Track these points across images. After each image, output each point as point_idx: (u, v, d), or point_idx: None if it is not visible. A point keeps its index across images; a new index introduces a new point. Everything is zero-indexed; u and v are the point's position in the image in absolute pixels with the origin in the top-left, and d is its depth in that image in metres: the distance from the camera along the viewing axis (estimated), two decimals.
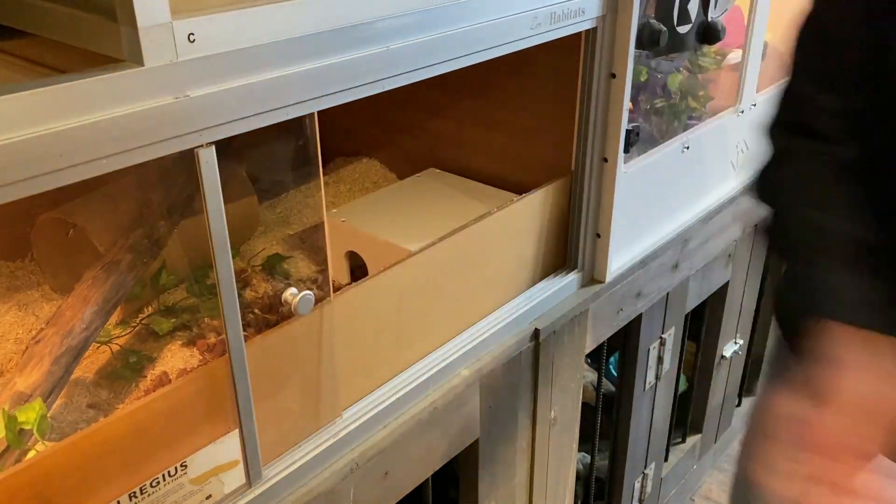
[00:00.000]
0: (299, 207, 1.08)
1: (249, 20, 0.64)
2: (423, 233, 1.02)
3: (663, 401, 1.59)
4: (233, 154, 0.93)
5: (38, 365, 0.79)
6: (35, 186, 0.55)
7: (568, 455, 1.31)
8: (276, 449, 0.85)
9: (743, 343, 1.84)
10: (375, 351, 0.93)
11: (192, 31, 0.60)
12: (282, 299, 0.81)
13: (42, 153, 0.54)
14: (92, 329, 0.84)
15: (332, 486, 0.88)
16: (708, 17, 1.22)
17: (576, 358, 1.22)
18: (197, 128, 0.63)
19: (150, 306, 0.97)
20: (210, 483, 0.78)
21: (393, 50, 0.77)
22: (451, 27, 0.82)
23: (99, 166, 0.58)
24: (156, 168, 0.86)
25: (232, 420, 0.78)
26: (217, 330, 0.93)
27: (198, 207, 0.70)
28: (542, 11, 0.92)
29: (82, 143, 0.56)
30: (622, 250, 1.25)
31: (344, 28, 0.72)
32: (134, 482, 0.71)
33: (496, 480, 1.15)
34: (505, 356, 1.07)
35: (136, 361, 0.89)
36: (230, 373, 0.75)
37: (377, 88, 0.77)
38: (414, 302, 0.96)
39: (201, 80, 0.62)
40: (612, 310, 1.26)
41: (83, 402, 0.84)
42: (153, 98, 0.59)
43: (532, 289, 1.15)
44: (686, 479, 1.86)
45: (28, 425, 0.74)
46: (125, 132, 0.58)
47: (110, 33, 0.59)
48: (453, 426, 1.02)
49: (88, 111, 0.56)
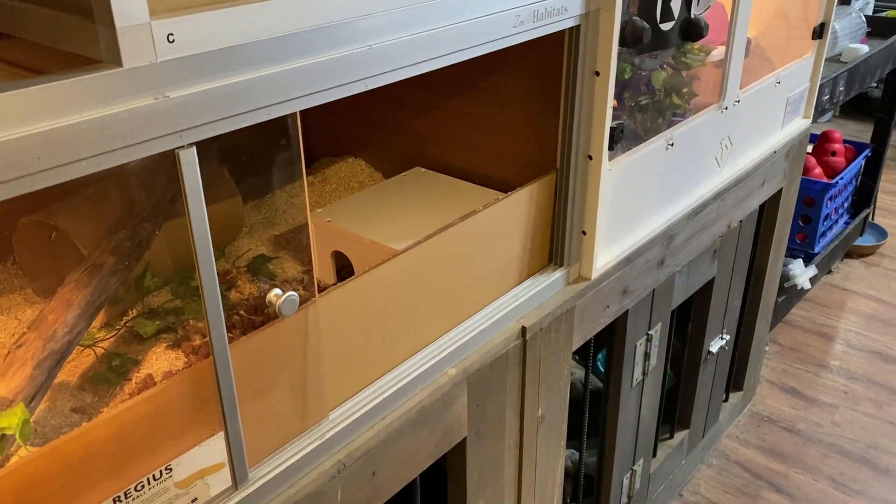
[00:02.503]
0: (284, 207, 1.07)
1: (230, 20, 0.64)
2: (409, 232, 1.02)
3: (651, 397, 1.59)
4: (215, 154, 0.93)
5: (20, 369, 0.79)
6: (13, 189, 0.54)
7: (556, 452, 1.31)
8: (263, 451, 0.84)
9: (729, 338, 1.85)
10: (362, 351, 0.93)
11: (171, 32, 0.60)
12: (266, 300, 0.80)
13: (20, 156, 0.53)
14: (75, 332, 0.84)
15: (319, 488, 0.87)
16: (691, 14, 1.22)
17: (563, 355, 1.22)
18: (177, 128, 0.62)
19: (134, 309, 0.97)
20: (196, 486, 0.77)
21: (375, 49, 0.77)
22: (434, 25, 0.82)
23: (78, 168, 0.57)
24: (138, 169, 0.85)
25: (217, 422, 0.77)
26: (202, 332, 0.92)
27: (181, 209, 0.70)
28: (524, 10, 0.92)
29: (61, 146, 0.55)
30: (608, 247, 1.25)
31: (325, 27, 0.71)
32: (118, 486, 0.71)
33: (484, 479, 1.15)
34: (492, 354, 1.08)
35: (120, 365, 0.89)
36: (215, 375, 0.75)
37: (360, 87, 0.77)
38: (400, 301, 0.96)
39: (181, 80, 0.62)
40: (599, 307, 1.27)
41: (67, 406, 0.83)
42: (132, 99, 0.59)
43: (518, 287, 1.15)
44: (674, 475, 1.87)
45: (10, 430, 0.73)
46: (104, 134, 0.58)
47: (88, 34, 0.59)
48: (441, 425, 1.02)
49: (67, 113, 0.56)
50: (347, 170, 1.37)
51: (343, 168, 1.37)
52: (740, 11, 1.37)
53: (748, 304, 1.93)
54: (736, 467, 2.03)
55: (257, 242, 1.06)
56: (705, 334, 1.74)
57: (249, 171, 1.02)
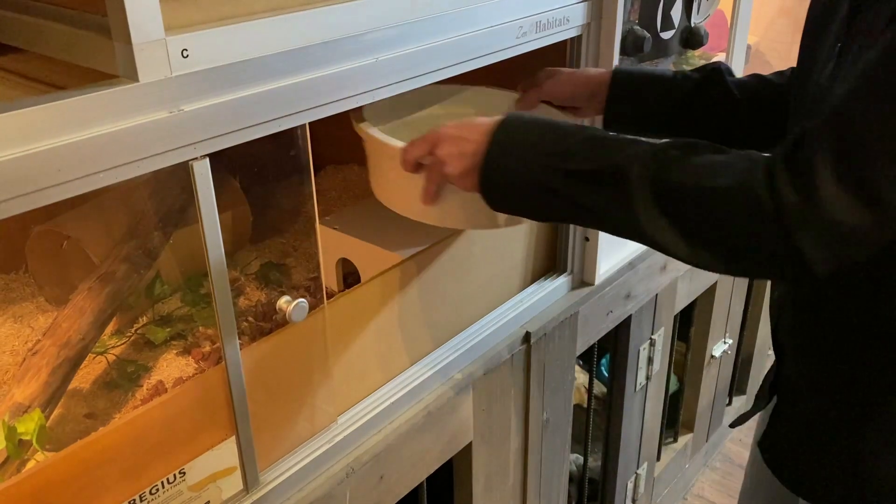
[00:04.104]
0: (292, 216, 1.09)
1: (242, 35, 0.65)
2: (414, 239, 1.04)
3: (654, 401, 1.60)
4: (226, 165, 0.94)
5: (35, 376, 0.80)
6: (33, 202, 0.56)
7: (561, 456, 1.32)
8: (273, 454, 0.86)
9: (732, 342, 1.86)
10: (369, 356, 0.94)
11: (185, 47, 0.61)
12: (276, 307, 0.82)
13: (40, 169, 0.55)
14: (88, 340, 0.85)
15: (328, 491, 0.89)
16: (691, 22, 1.24)
17: (567, 360, 1.24)
18: (191, 141, 0.64)
19: (145, 316, 0.98)
20: (208, 489, 0.79)
21: (381, 61, 0.78)
22: (438, 38, 0.83)
23: (96, 181, 0.59)
24: (150, 179, 0.87)
25: (229, 427, 0.79)
26: (212, 338, 0.94)
27: (191, 217, 0.72)
28: (527, 20, 0.94)
29: (79, 159, 0.57)
30: (611, 253, 1.26)
31: (333, 41, 0.73)
32: (133, 490, 0.72)
33: (490, 483, 1.17)
34: (497, 360, 1.09)
35: (132, 371, 0.90)
36: (226, 381, 0.76)
37: (367, 99, 0.79)
38: (406, 307, 0.97)
39: (195, 94, 0.63)
40: (602, 312, 1.28)
41: (81, 412, 0.85)
42: (148, 113, 0.61)
43: (522, 292, 1.16)
44: (678, 479, 1.88)
45: (27, 436, 0.75)
46: (121, 147, 0.59)
47: (105, 50, 0.60)
48: (447, 430, 1.04)
49: (85, 127, 0.57)
50: (353, 178, 1.38)
51: (349, 176, 1.38)
52: (740, 18, 1.38)
53: (751, 307, 1.94)
54: (740, 471, 2.04)
55: (265, 250, 1.08)
56: (708, 338, 1.75)
57: (259, 180, 1.04)
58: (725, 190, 0.63)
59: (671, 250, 0.68)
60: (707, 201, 0.64)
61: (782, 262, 0.63)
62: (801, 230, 0.61)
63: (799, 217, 0.60)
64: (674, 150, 0.67)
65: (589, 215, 0.72)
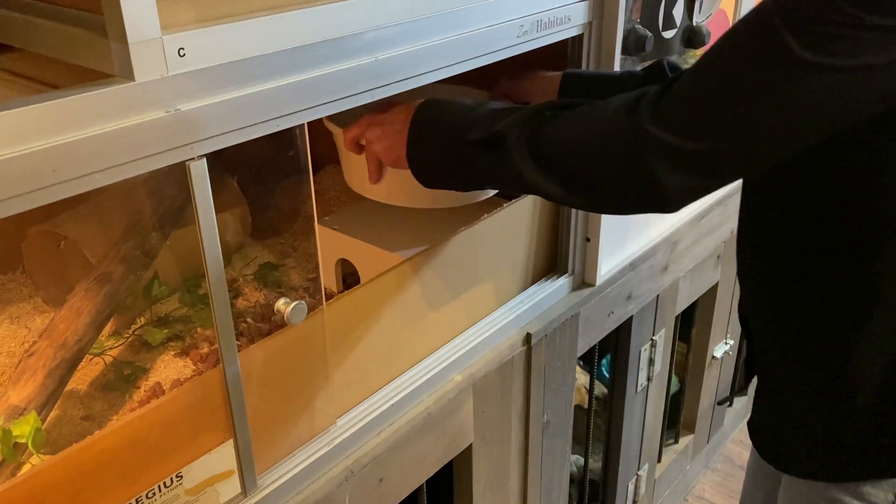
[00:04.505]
0: (291, 216, 1.08)
1: (239, 34, 0.65)
2: (414, 240, 1.03)
3: (655, 402, 1.60)
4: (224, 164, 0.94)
5: (31, 378, 0.79)
6: (29, 202, 0.55)
7: (561, 458, 1.32)
8: (272, 457, 0.85)
9: (733, 343, 1.85)
10: (368, 358, 0.94)
11: (182, 46, 0.60)
12: (274, 308, 0.81)
13: (35, 169, 0.54)
14: (85, 341, 0.84)
15: (327, 494, 0.88)
16: (693, 21, 1.23)
17: (568, 361, 1.23)
18: (188, 141, 0.63)
19: (142, 317, 0.97)
20: (206, 493, 0.78)
21: (381, 60, 0.77)
22: (439, 37, 0.83)
23: (91, 181, 0.58)
24: (148, 179, 0.86)
25: (227, 430, 0.78)
26: (210, 340, 0.93)
27: (189, 218, 0.71)
28: (528, 19, 0.93)
29: (75, 159, 0.56)
30: (612, 253, 1.26)
31: (332, 40, 0.72)
32: (130, 494, 0.71)
33: (490, 485, 1.16)
34: (497, 361, 1.08)
35: (129, 373, 0.90)
36: (224, 383, 0.76)
37: (366, 98, 0.78)
38: (406, 308, 0.96)
39: (192, 93, 0.63)
40: (603, 313, 1.27)
41: (77, 414, 0.84)
42: (144, 112, 0.60)
43: (523, 293, 1.16)
44: (679, 480, 1.88)
45: (23, 439, 0.74)
46: (117, 147, 0.59)
47: (101, 48, 0.59)
48: (447, 431, 1.03)
49: (81, 127, 0.56)
50: None
51: None
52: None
53: None
54: (741, 472, 2.03)
55: (264, 250, 1.07)
56: (709, 339, 1.75)
57: (257, 180, 1.03)
58: (592, 124, 0.73)
59: (552, 196, 0.77)
60: (572, 146, 0.74)
61: (642, 189, 0.70)
62: (652, 154, 0.68)
63: (649, 138, 0.67)
64: (548, 110, 0.76)
65: (487, 177, 0.82)
